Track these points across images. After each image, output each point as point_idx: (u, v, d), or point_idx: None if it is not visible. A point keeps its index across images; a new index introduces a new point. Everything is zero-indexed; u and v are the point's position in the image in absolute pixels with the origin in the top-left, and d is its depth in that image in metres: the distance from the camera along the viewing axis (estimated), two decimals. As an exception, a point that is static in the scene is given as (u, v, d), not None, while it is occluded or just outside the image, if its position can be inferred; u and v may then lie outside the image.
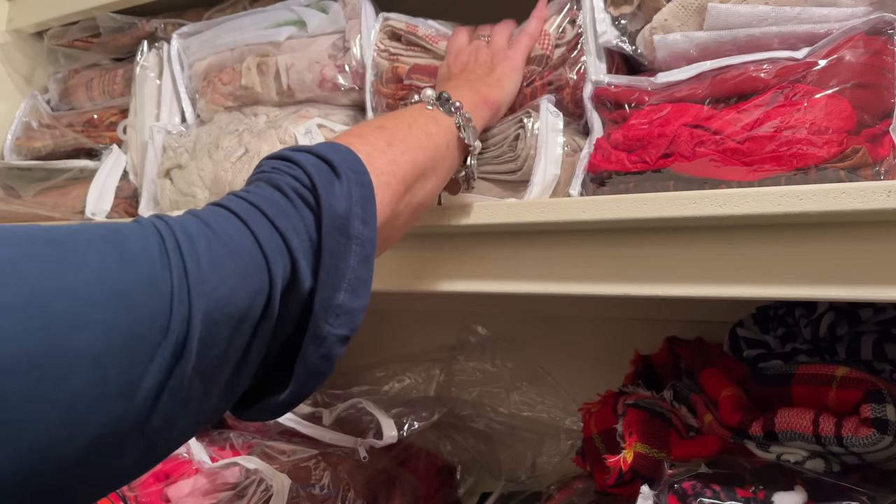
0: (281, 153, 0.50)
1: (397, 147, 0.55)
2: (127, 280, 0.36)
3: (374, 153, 0.53)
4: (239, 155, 0.86)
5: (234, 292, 0.41)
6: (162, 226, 0.40)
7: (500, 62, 0.71)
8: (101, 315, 0.34)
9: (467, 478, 1.05)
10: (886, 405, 0.57)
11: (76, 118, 1.08)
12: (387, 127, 0.57)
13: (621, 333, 0.95)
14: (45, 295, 0.33)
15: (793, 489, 0.58)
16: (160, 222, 0.41)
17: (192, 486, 0.80)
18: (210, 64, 0.94)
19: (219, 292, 0.40)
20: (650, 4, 0.67)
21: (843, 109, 0.56)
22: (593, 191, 0.65)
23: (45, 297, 0.33)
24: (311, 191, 0.46)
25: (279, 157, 0.49)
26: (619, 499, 0.73)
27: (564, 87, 0.71)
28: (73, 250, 0.36)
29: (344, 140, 0.53)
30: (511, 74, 0.71)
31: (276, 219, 0.44)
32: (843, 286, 0.53)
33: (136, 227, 0.40)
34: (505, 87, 0.69)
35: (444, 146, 0.60)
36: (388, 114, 0.63)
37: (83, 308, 0.34)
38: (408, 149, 0.56)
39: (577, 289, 0.64)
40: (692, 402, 0.72)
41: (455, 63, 0.73)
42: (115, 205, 0.96)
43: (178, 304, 0.37)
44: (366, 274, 0.47)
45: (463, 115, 0.62)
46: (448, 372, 1.08)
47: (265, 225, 0.44)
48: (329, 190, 0.46)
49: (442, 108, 0.62)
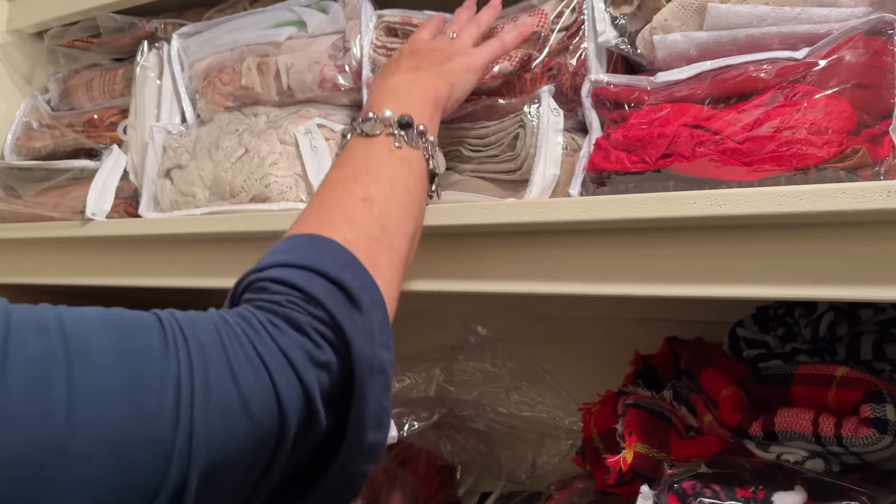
0: (287, 278, 0.45)
1: (390, 229, 0.54)
2: (129, 424, 0.35)
3: (375, 251, 0.51)
4: (239, 155, 0.86)
5: (243, 451, 0.39)
6: (184, 361, 0.38)
7: (456, 55, 0.68)
8: (91, 472, 0.34)
9: (467, 478, 1.05)
10: (886, 405, 0.57)
11: (76, 118, 1.08)
12: (373, 200, 0.54)
13: (621, 333, 0.95)
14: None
15: (793, 489, 0.58)
16: (184, 354, 0.38)
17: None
18: (210, 64, 0.94)
19: (225, 449, 0.38)
20: (650, 4, 0.67)
21: (843, 110, 0.56)
22: (593, 191, 0.65)
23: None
24: (332, 329, 0.44)
25: (288, 284, 0.45)
26: (619, 499, 0.73)
27: (564, 73, 0.71)
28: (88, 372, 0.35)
29: (337, 229, 0.51)
30: (465, 73, 0.67)
31: (303, 372, 0.42)
32: (843, 286, 0.54)
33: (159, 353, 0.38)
34: (454, 84, 0.66)
35: (422, 193, 0.59)
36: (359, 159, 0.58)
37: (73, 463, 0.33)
38: (399, 227, 0.55)
39: (577, 289, 0.64)
40: (692, 402, 0.72)
41: (409, 47, 0.69)
42: (116, 205, 0.96)
43: (177, 460, 0.36)
44: (388, 402, 0.47)
45: (429, 141, 0.60)
46: (448, 372, 1.08)
47: (291, 380, 0.42)
48: (352, 326, 0.45)
49: (409, 142, 0.59)
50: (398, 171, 0.58)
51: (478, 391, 1.06)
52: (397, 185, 0.57)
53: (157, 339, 0.38)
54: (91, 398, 0.34)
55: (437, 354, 1.09)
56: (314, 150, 0.82)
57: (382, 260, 0.51)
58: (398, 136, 0.59)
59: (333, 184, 0.56)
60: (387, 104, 0.61)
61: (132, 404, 0.35)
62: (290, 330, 0.43)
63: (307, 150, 0.82)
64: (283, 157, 0.83)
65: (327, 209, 0.53)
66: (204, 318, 0.42)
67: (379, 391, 0.46)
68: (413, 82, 0.64)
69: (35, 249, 1.03)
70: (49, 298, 1.22)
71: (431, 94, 0.63)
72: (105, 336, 0.37)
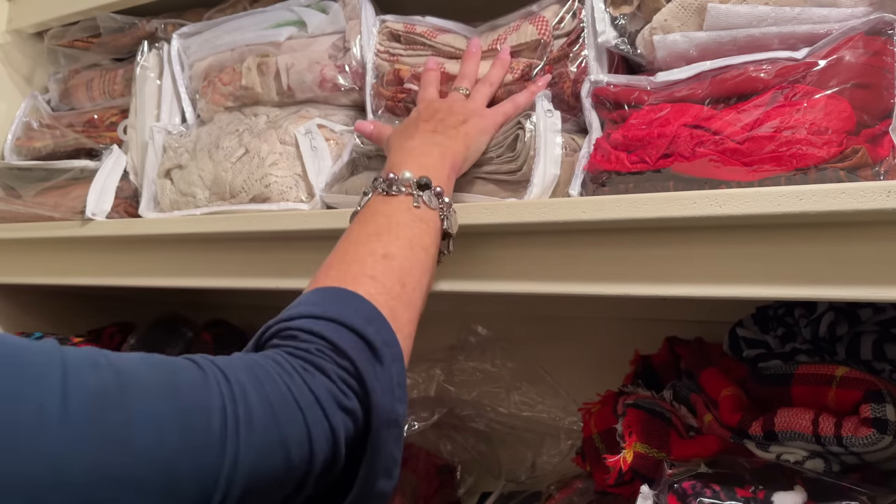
0: (316, 329, 0.48)
1: (409, 285, 0.56)
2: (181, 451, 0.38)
3: (395, 306, 0.54)
4: (239, 155, 0.86)
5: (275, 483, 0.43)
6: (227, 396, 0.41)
7: (472, 117, 0.70)
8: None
9: (467, 478, 1.05)
10: (886, 405, 0.57)
11: (76, 118, 1.08)
12: (393, 256, 0.56)
13: (621, 333, 0.95)
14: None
15: (792, 489, 0.58)
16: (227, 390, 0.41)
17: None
18: (210, 64, 0.95)
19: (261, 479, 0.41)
20: (650, 4, 0.67)
21: (843, 110, 0.56)
22: (593, 191, 0.65)
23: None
24: (357, 379, 0.47)
25: (317, 334, 0.48)
26: (619, 499, 0.73)
27: (565, 80, 0.71)
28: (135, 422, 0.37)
29: (361, 284, 0.53)
30: (480, 135, 0.70)
31: (331, 414, 0.45)
32: (843, 286, 0.54)
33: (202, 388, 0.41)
34: (469, 146, 0.68)
35: (436, 251, 0.62)
36: (380, 217, 0.60)
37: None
38: (417, 283, 0.57)
39: (577, 289, 0.64)
40: (692, 402, 0.72)
41: (426, 109, 0.71)
42: (116, 205, 0.96)
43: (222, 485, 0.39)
44: (399, 453, 0.50)
45: (445, 202, 0.62)
46: (448, 372, 1.08)
47: (321, 421, 0.45)
48: (374, 379, 0.48)
49: (427, 202, 0.61)
50: (416, 231, 0.60)
51: (478, 391, 1.06)
52: (415, 243, 0.59)
53: (199, 376, 0.42)
54: (147, 427, 0.37)
55: (437, 354, 1.09)
56: (314, 150, 0.82)
57: (402, 315, 0.54)
58: (416, 197, 0.61)
59: (357, 240, 0.58)
60: (406, 166, 0.63)
61: (183, 432, 0.38)
62: (319, 375, 0.46)
63: (307, 151, 0.82)
64: (283, 158, 0.83)
65: (351, 265, 0.56)
66: (239, 359, 0.45)
67: (392, 443, 0.49)
68: (431, 145, 0.66)
69: (35, 249, 1.03)
70: (49, 298, 1.23)
71: (449, 158, 0.66)
72: (152, 372, 0.40)
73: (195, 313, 1.16)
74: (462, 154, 0.67)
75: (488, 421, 1.02)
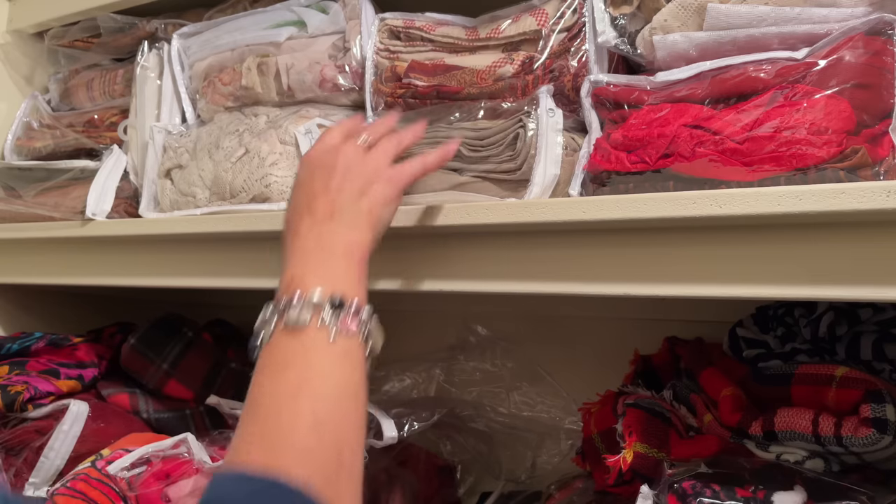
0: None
1: (347, 453, 0.49)
2: None
3: (337, 486, 0.47)
4: (239, 155, 0.86)
5: None
6: None
7: (374, 183, 0.60)
8: None
9: (467, 478, 1.05)
10: (886, 405, 0.57)
11: (77, 118, 1.08)
12: (324, 422, 0.48)
13: (621, 333, 0.95)
14: None
15: (792, 489, 0.58)
16: None
17: (193, 486, 0.80)
18: (210, 64, 0.95)
19: None
20: (650, 4, 0.67)
21: (843, 110, 0.56)
22: (593, 191, 0.65)
23: None
24: None
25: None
26: (619, 498, 0.73)
27: (566, 75, 0.71)
28: None
29: (292, 465, 0.46)
30: (384, 208, 0.60)
31: None
32: (842, 286, 0.54)
33: None
34: (376, 226, 0.60)
35: (365, 389, 0.53)
36: (295, 368, 0.51)
37: None
38: (355, 447, 0.50)
39: (577, 289, 0.64)
40: (692, 402, 0.72)
41: (319, 170, 0.61)
42: (116, 205, 0.96)
43: None
44: None
45: (363, 319, 0.54)
46: (448, 372, 1.08)
47: None
48: None
49: (345, 328, 0.52)
50: (341, 374, 0.51)
51: (478, 391, 1.06)
52: (344, 393, 0.50)
53: None
54: None
55: (437, 354, 1.09)
56: (314, 150, 0.82)
57: (346, 494, 0.47)
58: (332, 326, 0.52)
59: (275, 399, 0.49)
60: (310, 279, 0.54)
61: None
62: None
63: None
64: (283, 158, 0.83)
65: (275, 438, 0.47)
66: None
67: None
68: (332, 240, 0.57)
69: (35, 249, 1.03)
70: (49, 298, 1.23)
71: (357, 253, 0.57)
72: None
73: (195, 313, 1.16)
74: (370, 242, 0.59)
75: (488, 421, 1.02)
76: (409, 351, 1.10)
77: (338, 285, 0.54)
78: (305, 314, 0.52)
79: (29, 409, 0.92)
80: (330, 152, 0.62)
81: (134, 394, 1.03)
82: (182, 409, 1.04)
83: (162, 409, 1.03)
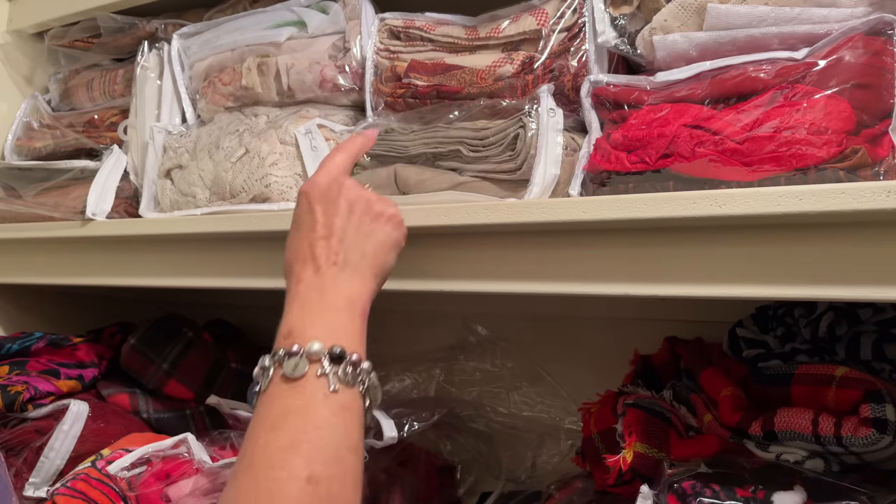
0: None
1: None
2: None
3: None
4: (239, 155, 0.86)
5: None
6: None
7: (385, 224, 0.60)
8: None
9: (467, 478, 1.05)
10: (886, 405, 0.57)
11: (77, 118, 1.08)
12: (319, 479, 0.47)
13: (621, 333, 0.95)
14: None
15: (792, 489, 0.58)
16: None
17: (193, 486, 0.80)
18: (210, 64, 0.95)
19: None
20: (650, 5, 0.67)
21: (843, 110, 0.56)
22: (593, 191, 0.65)
23: None
24: None
25: None
26: (618, 498, 0.73)
27: (566, 74, 0.71)
28: None
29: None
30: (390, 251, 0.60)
31: None
32: (842, 286, 0.54)
33: None
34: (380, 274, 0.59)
35: (362, 443, 0.52)
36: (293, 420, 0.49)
37: None
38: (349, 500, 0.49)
39: (578, 289, 0.64)
40: (692, 402, 0.72)
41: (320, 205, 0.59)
42: (116, 205, 0.96)
43: None
44: None
45: (363, 370, 0.53)
46: (448, 372, 1.08)
47: None
48: None
49: (345, 380, 0.51)
50: (339, 427, 0.50)
51: (478, 391, 1.06)
52: (342, 447, 0.49)
53: None
54: None
55: (437, 354, 1.09)
56: (314, 150, 0.83)
57: None
58: (332, 376, 0.51)
59: (269, 454, 0.48)
60: (311, 330, 0.53)
61: None
62: None
63: (307, 151, 0.82)
64: (283, 158, 0.83)
65: (269, 495, 0.46)
66: None
67: None
68: (335, 292, 0.55)
69: (35, 249, 1.03)
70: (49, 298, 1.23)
71: (359, 306, 0.56)
72: None
73: (195, 313, 1.16)
74: (373, 293, 0.58)
75: (488, 421, 1.02)
76: (409, 351, 1.10)
77: (339, 337, 0.53)
78: (304, 364, 0.51)
79: (29, 409, 0.92)
80: (332, 186, 0.60)
81: (134, 394, 1.03)
82: (182, 409, 1.04)
83: (162, 409, 1.03)
